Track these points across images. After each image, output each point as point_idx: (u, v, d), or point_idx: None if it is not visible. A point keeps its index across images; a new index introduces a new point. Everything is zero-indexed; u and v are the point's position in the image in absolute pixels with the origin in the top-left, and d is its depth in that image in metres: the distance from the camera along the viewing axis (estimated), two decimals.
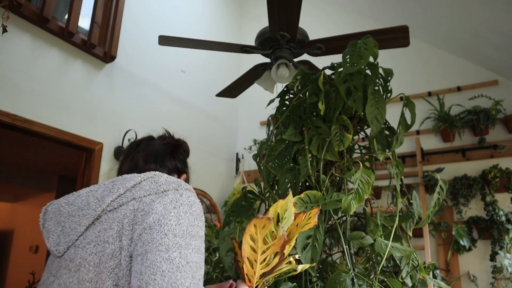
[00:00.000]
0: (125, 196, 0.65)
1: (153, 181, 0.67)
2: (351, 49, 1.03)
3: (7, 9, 1.96)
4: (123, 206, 0.63)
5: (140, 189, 0.65)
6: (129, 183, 0.67)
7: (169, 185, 0.67)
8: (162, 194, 0.64)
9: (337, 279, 0.89)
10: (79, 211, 0.65)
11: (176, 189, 0.67)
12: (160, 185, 0.66)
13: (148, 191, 0.65)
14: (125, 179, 0.69)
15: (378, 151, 1.07)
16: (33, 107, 2.23)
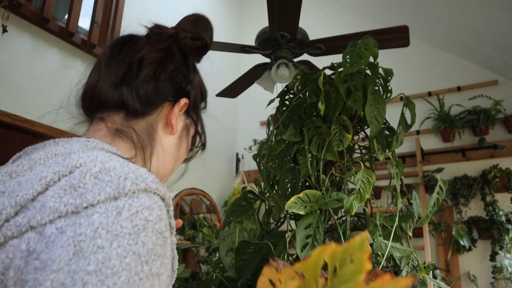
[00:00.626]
0: (15, 224, 0.31)
1: (70, 186, 0.33)
2: (351, 49, 1.03)
3: (7, 9, 1.96)
4: (13, 242, 0.31)
5: (40, 208, 0.32)
6: (21, 194, 0.33)
7: (101, 190, 0.33)
8: (82, 215, 0.32)
9: None
10: None
11: (114, 197, 0.34)
12: (83, 194, 0.33)
13: (56, 210, 0.32)
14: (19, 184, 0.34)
15: (378, 151, 1.07)
16: (33, 107, 2.23)
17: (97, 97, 0.52)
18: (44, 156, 0.40)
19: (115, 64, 0.52)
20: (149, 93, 0.51)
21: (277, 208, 1.11)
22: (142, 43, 0.54)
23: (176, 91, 0.55)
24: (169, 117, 0.54)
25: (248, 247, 1.03)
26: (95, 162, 0.37)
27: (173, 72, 0.54)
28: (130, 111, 0.50)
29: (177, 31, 0.57)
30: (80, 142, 0.43)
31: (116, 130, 0.49)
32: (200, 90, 0.62)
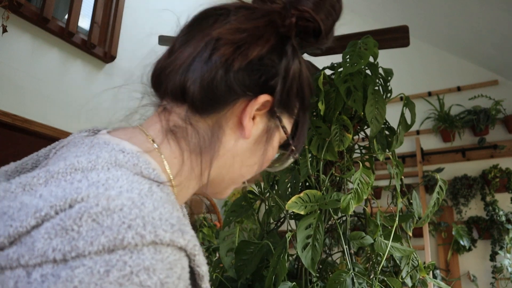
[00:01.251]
0: (7, 255, 0.27)
1: (62, 227, 0.27)
2: (351, 49, 1.04)
3: (7, 9, 1.96)
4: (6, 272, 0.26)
5: (31, 246, 0.26)
6: (16, 224, 0.27)
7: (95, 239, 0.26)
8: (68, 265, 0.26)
9: (337, 279, 0.89)
10: None
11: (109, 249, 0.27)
12: (74, 240, 0.26)
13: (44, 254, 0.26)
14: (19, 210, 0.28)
15: (378, 151, 1.07)
16: (33, 107, 2.23)
17: (164, 80, 0.42)
18: (63, 169, 0.32)
19: (191, 41, 0.42)
20: (218, 85, 0.39)
21: (277, 208, 1.11)
22: (228, 17, 0.41)
23: (255, 85, 0.41)
24: (241, 116, 0.41)
25: (248, 247, 1.03)
26: (99, 196, 0.29)
27: (256, 60, 0.40)
28: (193, 104, 0.40)
29: (284, 6, 0.42)
30: (113, 152, 0.35)
31: (173, 128, 0.40)
32: (298, 85, 0.44)
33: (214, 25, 0.41)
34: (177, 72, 0.40)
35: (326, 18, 0.43)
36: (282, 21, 0.41)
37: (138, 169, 0.35)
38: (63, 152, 0.38)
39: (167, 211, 0.30)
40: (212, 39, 0.40)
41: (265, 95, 0.41)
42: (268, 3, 0.43)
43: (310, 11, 0.42)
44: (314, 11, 0.42)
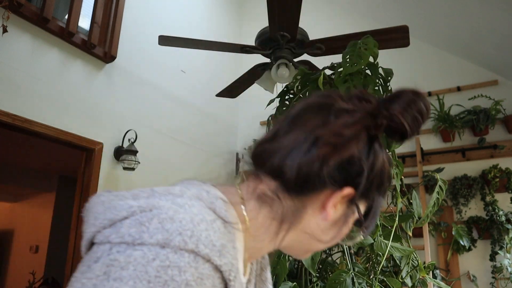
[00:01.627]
0: (104, 234, 0.40)
1: (140, 222, 0.38)
2: (351, 49, 1.04)
3: (7, 9, 1.96)
4: (101, 246, 0.39)
5: (118, 230, 0.39)
6: (117, 213, 0.41)
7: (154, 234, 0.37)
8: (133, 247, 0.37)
9: (337, 279, 0.89)
10: (85, 224, 0.46)
11: (162, 244, 0.36)
12: (143, 232, 0.37)
13: (123, 237, 0.38)
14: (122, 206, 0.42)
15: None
16: (33, 107, 2.23)
17: (264, 157, 0.49)
18: (161, 191, 0.45)
19: (295, 132, 0.48)
20: (311, 174, 0.45)
21: None
22: (330, 117, 0.47)
23: (343, 179, 0.46)
24: (325, 203, 0.47)
25: None
26: (172, 209, 0.40)
27: (348, 159, 0.46)
28: (285, 184, 0.46)
29: (378, 107, 0.48)
30: (200, 190, 0.45)
31: (262, 195, 0.48)
32: (380, 177, 0.50)
33: (317, 121, 0.47)
34: (277, 155, 0.47)
35: (413, 122, 0.48)
36: (374, 123, 0.47)
37: (212, 206, 0.44)
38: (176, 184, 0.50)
39: (217, 237, 0.39)
40: (314, 136, 0.46)
41: (349, 188, 0.46)
42: (364, 102, 0.49)
43: (399, 115, 0.47)
44: (402, 115, 0.47)
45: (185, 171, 3.36)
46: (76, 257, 2.38)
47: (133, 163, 2.62)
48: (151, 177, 2.99)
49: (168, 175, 3.16)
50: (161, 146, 3.13)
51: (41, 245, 4.66)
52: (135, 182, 2.84)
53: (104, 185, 2.59)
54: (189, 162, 3.44)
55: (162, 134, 3.17)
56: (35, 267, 4.28)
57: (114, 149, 2.70)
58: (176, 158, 3.28)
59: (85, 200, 2.61)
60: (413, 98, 0.49)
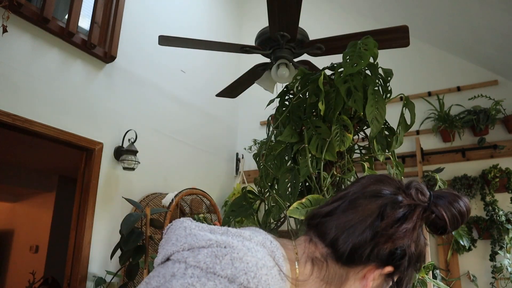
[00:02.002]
0: (182, 254, 0.48)
1: (215, 254, 0.47)
2: (351, 49, 1.04)
3: (7, 9, 1.96)
4: (177, 264, 0.48)
5: (196, 255, 0.47)
6: (196, 241, 0.50)
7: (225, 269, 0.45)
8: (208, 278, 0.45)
9: None
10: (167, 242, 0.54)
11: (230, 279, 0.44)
12: (215, 264, 0.45)
13: (199, 262, 0.46)
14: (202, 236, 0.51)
15: (378, 151, 1.07)
16: (33, 107, 2.23)
17: (321, 226, 0.56)
18: (234, 232, 0.53)
19: (352, 213, 0.54)
20: (362, 253, 0.52)
21: (277, 208, 1.11)
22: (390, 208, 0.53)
23: (388, 260, 0.53)
24: (367, 275, 0.54)
25: None
26: (242, 251, 0.48)
27: (398, 246, 0.53)
28: (336, 255, 0.53)
29: (429, 202, 0.55)
30: (265, 239, 0.54)
31: (313, 257, 0.55)
32: (418, 258, 0.57)
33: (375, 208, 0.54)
34: (335, 228, 0.54)
35: (453, 219, 0.55)
36: (423, 215, 0.55)
37: (273, 255, 0.52)
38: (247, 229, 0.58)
39: (273, 282, 0.47)
40: (375, 227, 0.52)
41: (390, 267, 0.53)
42: (420, 195, 0.55)
43: (443, 213, 0.54)
44: (446, 212, 0.54)
45: (185, 171, 3.37)
46: (76, 257, 2.38)
47: (133, 163, 2.62)
48: (151, 177, 2.99)
49: (168, 175, 3.16)
50: (161, 146, 3.13)
51: (41, 245, 4.66)
52: (135, 182, 2.84)
53: (104, 185, 2.59)
54: (189, 162, 3.44)
55: (162, 134, 3.17)
56: (35, 267, 4.28)
57: (114, 149, 2.70)
58: (176, 158, 3.28)
59: (85, 200, 2.61)
60: (455, 198, 0.56)
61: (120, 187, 2.71)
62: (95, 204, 2.48)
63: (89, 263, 2.40)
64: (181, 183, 3.19)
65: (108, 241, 2.54)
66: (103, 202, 2.56)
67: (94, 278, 2.37)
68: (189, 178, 3.37)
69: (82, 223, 2.41)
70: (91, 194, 2.47)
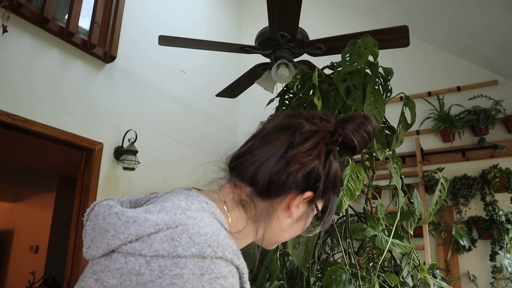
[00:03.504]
0: (133, 247, 0.46)
1: (171, 237, 0.46)
2: (350, 48, 1.04)
3: (7, 9, 1.96)
4: (131, 258, 0.46)
5: (150, 244, 0.46)
6: (142, 229, 0.47)
7: (188, 248, 0.45)
8: (176, 263, 0.44)
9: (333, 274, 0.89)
10: (103, 233, 0.52)
11: (201, 256, 0.44)
12: (176, 247, 0.45)
13: (157, 251, 0.45)
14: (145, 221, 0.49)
15: (378, 150, 1.07)
16: (33, 107, 2.23)
17: (242, 168, 0.59)
18: (170, 206, 0.52)
19: (266, 147, 0.58)
20: (280, 183, 0.56)
21: None
22: (298, 137, 0.58)
23: (305, 185, 0.57)
24: (290, 204, 0.58)
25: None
26: (195, 224, 0.48)
27: (310, 170, 0.57)
28: (258, 190, 0.57)
29: (335, 127, 0.59)
30: (200, 203, 0.55)
31: (240, 200, 0.59)
32: (334, 182, 0.61)
33: (285, 140, 0.58)
34: (252, 165, 0.58)
35: (361, 140, 0.59)
36: (331, 140, 0.58)
37: (214, 215, 0.54)
38: (168, 196, 0.58)
39: (231, 243, 0.48)
40: (286, 155, 0.56)
41: (309, 192, 0.58)
42: (324, 122, 0.60)
43: (351, 134, 0.58)
44: (353, 134, 0.58)
45: (185, 171, 3.36)
46: (76, 257, 2.38)
47: (133, 163, 2.62)
48: (151, 177, 2.99)
49: (168, 175, 3.16)
50: (161, 146, 3.13)
51: (41, 245, 4.65)
52: (135, 182, 2.84)
53: (104, 185, 2.59)
54: (189, 162, 3.44)
55: (162, 134, 3.17)
56: (35, 267, 4.28)
57: (114, 149, 2.70)
58: (176, 158, 3.28)
59: (85, 200, 2.61)
60: (363, 121, 0.60)
61: (120, 187, 2.71)
62: None
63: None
64: (181, 183, 3.18)
65: None
66: None
67: None
68: (189, 178, 3.37)
69: (82, 223, 2.41)
70: (91, 194, 2.47)
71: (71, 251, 2.41)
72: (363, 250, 1.23)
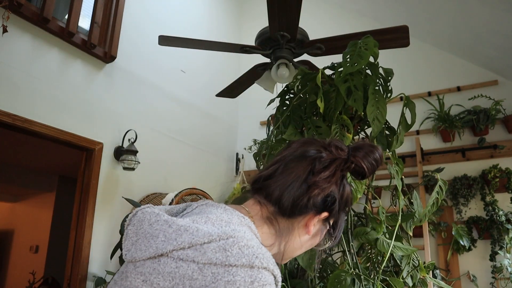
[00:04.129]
0: (186, 254, 0.51)
1: (223, 248, 0.51)
2: (351, 49, 1.03)
3: (7, 9, 1.96)
4: (182, 263, 0.51)
5: (203, 253, 0.51)
6: (196, 238, 0.53)
7: (239, 259, 0.50)
8: (228, 271, 0.49)
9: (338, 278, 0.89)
10: (149, 238, 0.56)
11: (250, 266, 0.49)
12: (228, 257, 0.50)
13: (210, 259, 0.50)
14: (197, 231, 0.54)
15: None
16: (33, 107, 2.23)
17: (265, 187, 0.66)
18: (215, 218, 0.59)
19: (289, 173, 0.65)
20: (302, 205, 0.64)
21: None
22: (318, 165, 0.65)
23: (322, 207, 0.65)
24: (308, 223, 0.66)
25: None
26: (244, 238, 0.53)
27: (328, 194, 0.64)
28: (282, 210, 0.64)
29: (348, 155, 0.66)
30: (238, 217, 0.61)
31: (267, 218, 0.65)
32: (345, 202, 0.69)
33: (306, 167, 0.65)
34: (277, 188, 0.65)
35: (370, 167, 0.67)
36: (345, 167, 0.66)
37: (251, 230, 0.60)
38: (205, 208, 0.64)
39: (270, 255, 0.54)
40: (307, 180, 0.64)
41: (325, 213, 0.66)
42: (339, 151, 0.66)
43: (361, 162, 0.66)
44: (363, 161, 0.66)
45: (185, 171, 3.36)
46: (76, 257, 2.38)
47: (133, 163, 2.62)
48: (151, 177, 2.99)
49: (168, 175, 3.16)
50: (161, 146, 3.13)
51: (41, 245, 4.65)
52: (135, 182, 2.84)
53: (104, 185, 2.59)
54: (189, 162, 3.44)
55: (162, 134, 3.17)
56: (35, 267, 4.28)
57: (114, 149, 2.70)
58: (176, 158, 3.28)
59: (85, 200, 2.61)
60: (371, 149, 0.67)
61: (120, 187, 2.71)
62: (95, 204, 2.48)
63: (89, 263, 2.40)
64: (181, 183, 3.18)
65: (108, 241, 2.54)
66: (103, 202, 2.56)
67: (94, 278, 2.37)
68: (189, 178, 3.37)
69: (82, 223, 2.41)
70: (91, 194, 2.46)
71: (71, 251, 2.41)
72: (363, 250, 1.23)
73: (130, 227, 0.59)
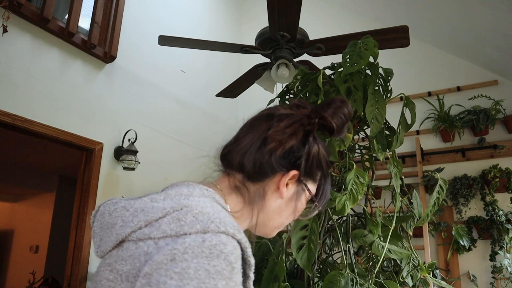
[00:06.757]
0: (143, 232, 0.51)
1: (177, 218, 0.50)
2: (351, 49, 1.03)
3: (8, 9, 1.96)
4: (141, 243, 0.50)
5: (158, 227, 0.50)
6: (151, 215, 0.52)
7: (193, 226, 0.49)
8: (179, 238, 0.48)
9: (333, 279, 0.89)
10: (110, 228, 0.55)
11: (202, 231, 0.48)
12: (182, 226, 0.49)
13: (165, 232, 0.49)
14: (152, 208, 0.54)
15: (378, 151, 1.07)
16: (33, 107, 2.23)
17: (229, 157, 0.65)
18: (174, 193, 0.58)
19: (249, 135, 0.65)
20: (263, 163, 0.62)
21: None
22: (275, 120, 0.64)
23: (288, 164, 0.62)
24: (278, 184, 0.63)
25: None
26: (198, 205, 0.53)
27: (290, 149, 0.62)
28: (247, 174, 0.63)
29: (311, 112, 0.64)
30: (201, 189, 0.60)
31: (234, 186, 0.64)
32: (318, 161, 0.65)
33: (264, 126, 0.64)
34: (239, 154, 0.64)
35: (339, 122, 0.64)
36: (308, 122, 0.63)
37: (215, 200, 0.59)
38: (168, 188, 0.63)
39: (232, 220, 0.52)
40: (263, 136, 0.62)
41: (294, 171, 0.62)
42: (301, 109, 0.65)
43: (328, 117, 0.63)
44: (331, 117, 0.63)
45: (185, 171, 3.36)
46: (76, 257, 2.38)
47: (133, 163, 2.62)
48: (151, 177, 2.99)
49: (168, 175, 3.16)
50: (161, 146, 3.13)
51: (41, 245, 4.65)
52: (135, 182, 2.84)
53: (104, 185, 2.59)
54: (189, 162, 3.44)
55: (162, 134, 3.17)
56: (35, 267, 4.28)
57: (114, 149, 2.70)
58: (176, 158, 3.28)
59: (85, 200, 2.61)
60: (340, 105, 0.65)
61: (120, 187, 2.71)
62: (95, 204, 2.48)
63: (89, 263, 2.40)
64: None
65: None
66: None
67: None
68: (189, 178, 3.37)
69: (82, 223, 2.41)
70: (91, 194, 2.46)
71: (71, 251, 2.41)
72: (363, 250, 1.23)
73: (95, 223, 0.59)
